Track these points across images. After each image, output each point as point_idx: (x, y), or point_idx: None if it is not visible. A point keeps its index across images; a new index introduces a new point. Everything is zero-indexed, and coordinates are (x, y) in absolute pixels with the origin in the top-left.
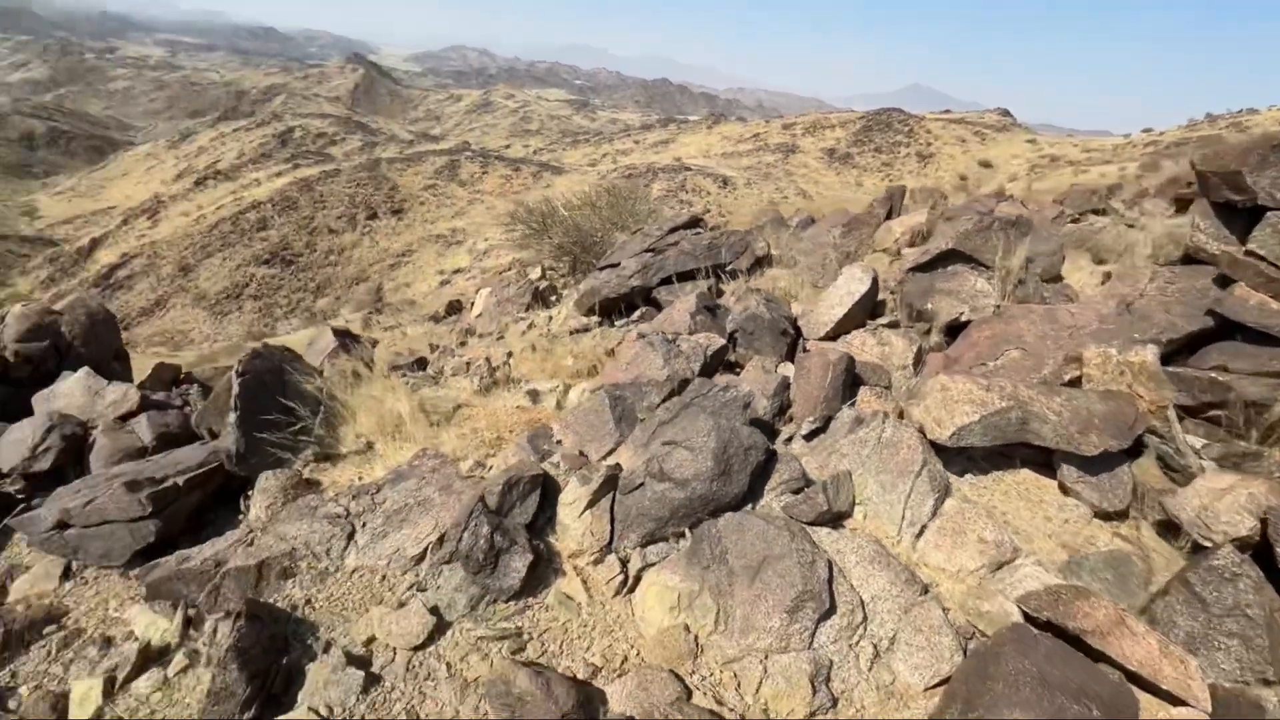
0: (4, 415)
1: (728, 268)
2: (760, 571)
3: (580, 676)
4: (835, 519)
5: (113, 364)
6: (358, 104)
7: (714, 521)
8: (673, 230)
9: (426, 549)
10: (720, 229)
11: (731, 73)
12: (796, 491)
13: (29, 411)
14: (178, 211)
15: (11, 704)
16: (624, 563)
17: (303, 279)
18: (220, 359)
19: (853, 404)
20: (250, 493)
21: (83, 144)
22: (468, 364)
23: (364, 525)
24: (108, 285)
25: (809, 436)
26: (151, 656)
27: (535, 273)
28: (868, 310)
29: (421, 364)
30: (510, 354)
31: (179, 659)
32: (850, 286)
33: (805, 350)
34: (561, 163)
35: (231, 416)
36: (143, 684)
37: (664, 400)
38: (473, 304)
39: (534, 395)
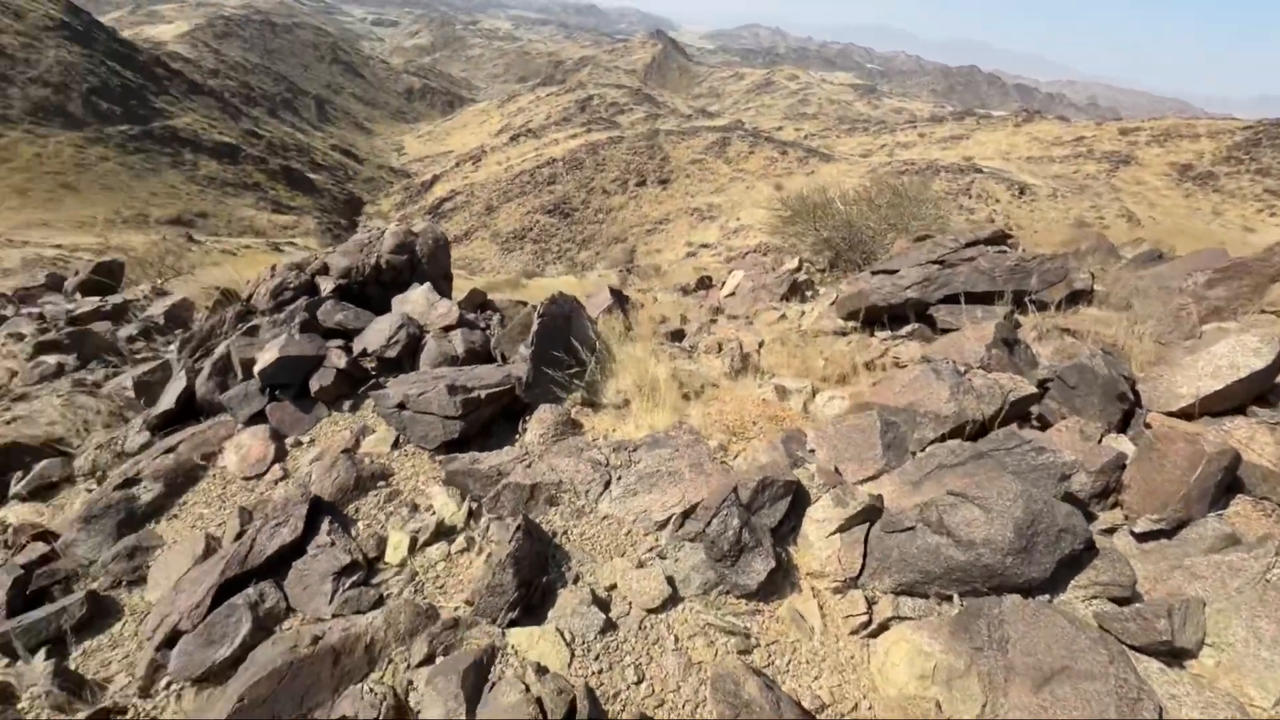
0: (376, 309)
1: (1032, 296)
2: (1052, 682)
3: (805, 705)
4: (1172, 654)
5: (442, 282)
6: (650, 77)
7: (998, 600)
8: (971, 244)
9: (670, 519)
10: (1035, 253)
11: (1061, 62)
12: (1120, 601)
13: (389, 309)
14: (494, 160)
15: (351, 531)
16: (870, 603)
17: (573, 231)
18: (504, 289)
19: (1222, 514)
20: (528, 418)
21: (441, 98)
22: (719, 344)
23: (619, 478)
24: (437, 214)
25: (1144, 537)
26: (443, 531)
27: (793, 263)
28: (1255, 393)
29: (678, 336)
30: (761, 342)
31: (460, 541)
32: (1236, 357)
33: (1146, 425)
34: (832, 150)
35: (526, 350)
36: (434, 551)
37: (941, 438)
38: (723, 282)
39: (781, 391)
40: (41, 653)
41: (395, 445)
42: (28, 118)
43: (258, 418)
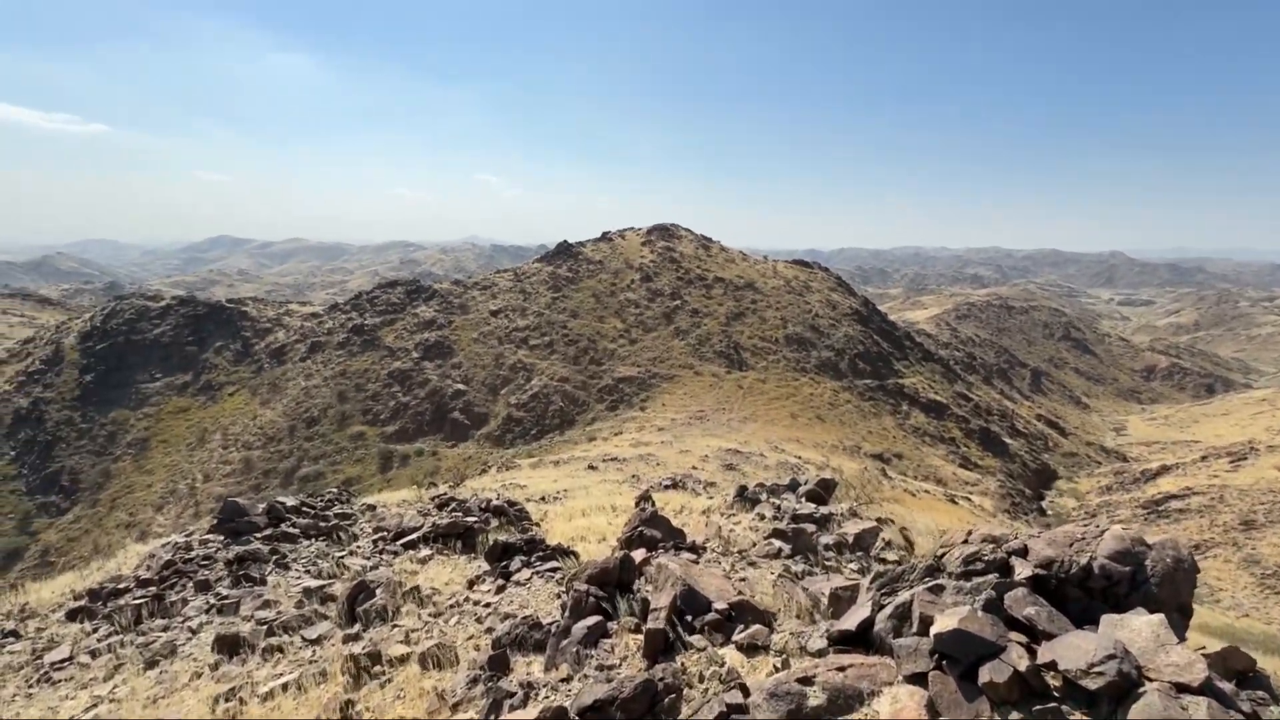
0: (1074, 617)
1: None
2: None
3: None
4: None
5: (1176, 615)
6: None
7: None
8: None
9: None
10: None
11: None
12: None
13: (1093, 622)
14: (1270, 464)
15: None
16: None
17: None
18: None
19: None
20: None
21: (1195, 380)
22: None
23: None
24: (1156, 511)
25: None
26: None
27: None
28: None
29: None
30: None
31: None
32: None
33: None
34: None
35: None
36: None
37: None
38: None
39: None
40: None
41: None
42: (814, 370)
43: (919, 678)
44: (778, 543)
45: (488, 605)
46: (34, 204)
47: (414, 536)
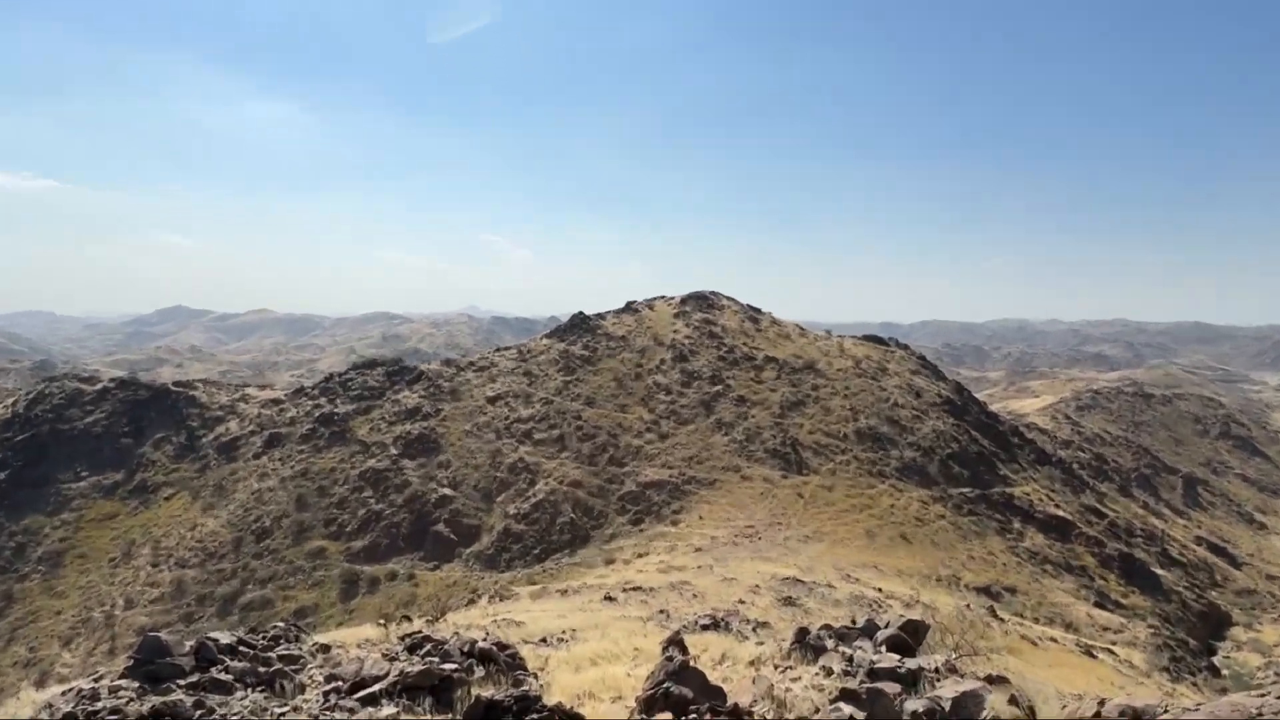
0: None
1: None
2: None
3: None
4: None
5: None
6: None
7: None
8: None
9: None
10: None
11: None
12: None
13: None
14: None
15: None
16: None
17: None
18: None
19: None
20: None
21: None
22: None
23: None
24: None
25: None
26: None
27: None
28: None
29: None
30: None
31: None
32: None
33: None
34: None
35: None
36: None
37: None
38: None
39: None
40: None
41: None
42: (895, 475)
43: None
44: (848, 708)
45: None
46: None
47: (375, 689)
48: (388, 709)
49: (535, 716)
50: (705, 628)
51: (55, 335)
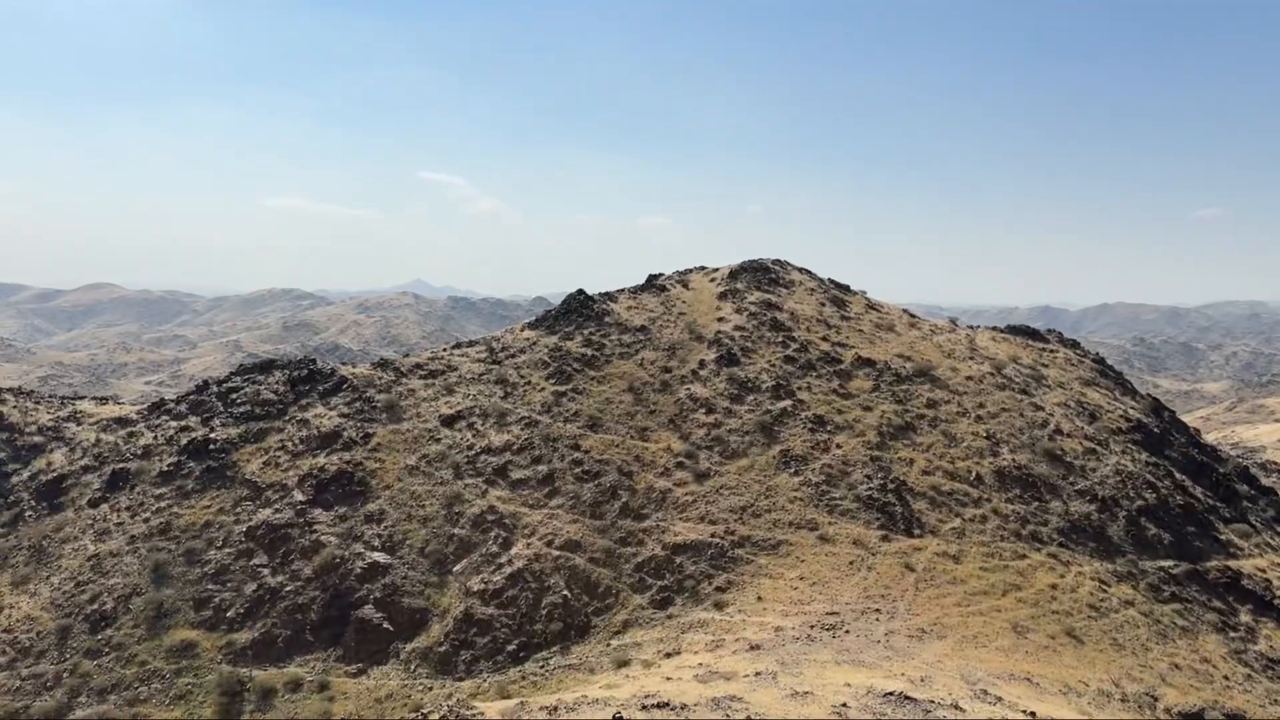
0: None
1: None
2: None
3: None
4: None
5: None
6: None
7: None
8: None
9: None
10: None
11: None
12: None
13: None
14: None
15: None
16: None
17: None
18: None
19: None
20: None
21: None
22: None
23: None
24: None
25: None
26: None
27: None
28: None
29: None
30: None
31: None
32: None
33: None
34: None
35: None
36: None
37: None
38: None
39: None
40: None
41: None
42: (1058, 538)
43: None
44: None
45: None
46: None
47: None
48: None
49: None
50: None
51: None
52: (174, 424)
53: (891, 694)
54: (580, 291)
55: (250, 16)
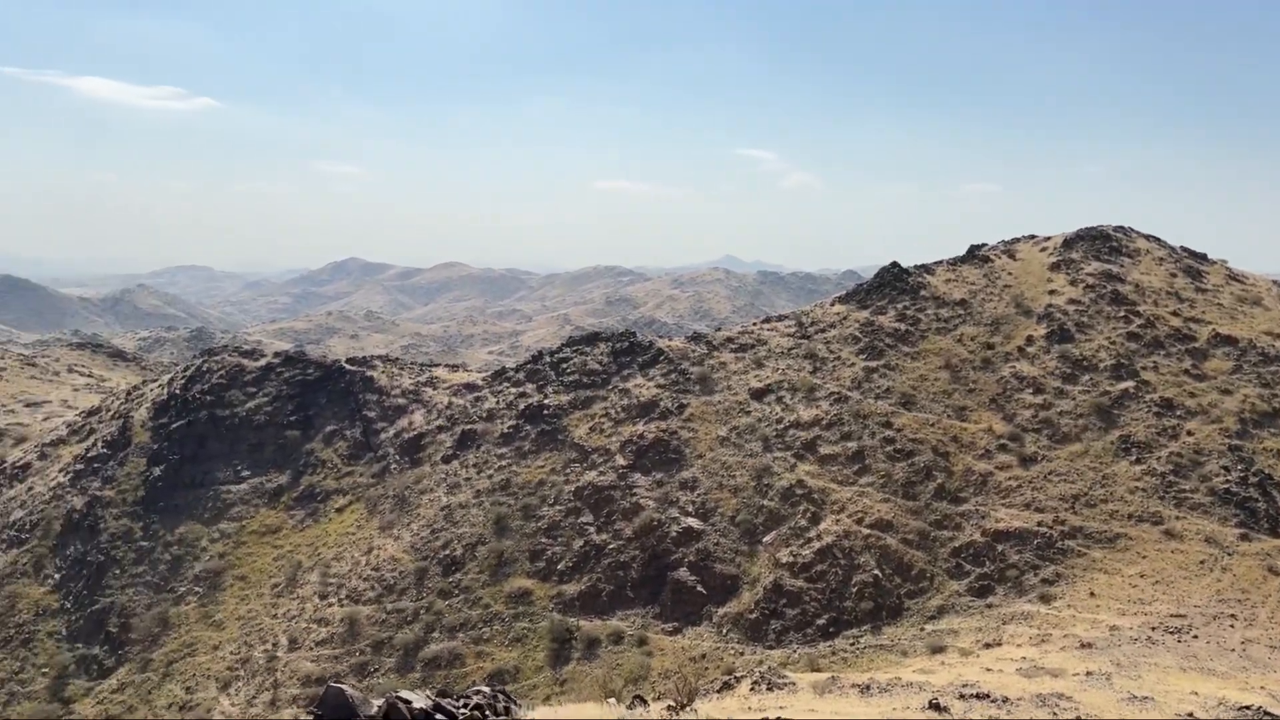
0: None
1: None
2: None
3: None
4: None
5: None
6: None
7: None
8: None
9: None
10: None
11: None
12: None
13: None
14: None
15: None
16: None
17: None
18: None
19: None
20: None
21: None
22: None
23: None
24: None
25: None
26: None
27: None
28: None
29: None
30: None
31: None
32: None
33: None
34: None
35: None
36: None
37: None
38: None
39: None
40: None
41: None
42: None
43: None
44: None
45: None
46: (122, 214)
47: None
48: None
49: None
50: None
51: (213, 296)
52: (513, 390)
53: (1248, 708)
54: (894, 264)
55: (575, 12)
